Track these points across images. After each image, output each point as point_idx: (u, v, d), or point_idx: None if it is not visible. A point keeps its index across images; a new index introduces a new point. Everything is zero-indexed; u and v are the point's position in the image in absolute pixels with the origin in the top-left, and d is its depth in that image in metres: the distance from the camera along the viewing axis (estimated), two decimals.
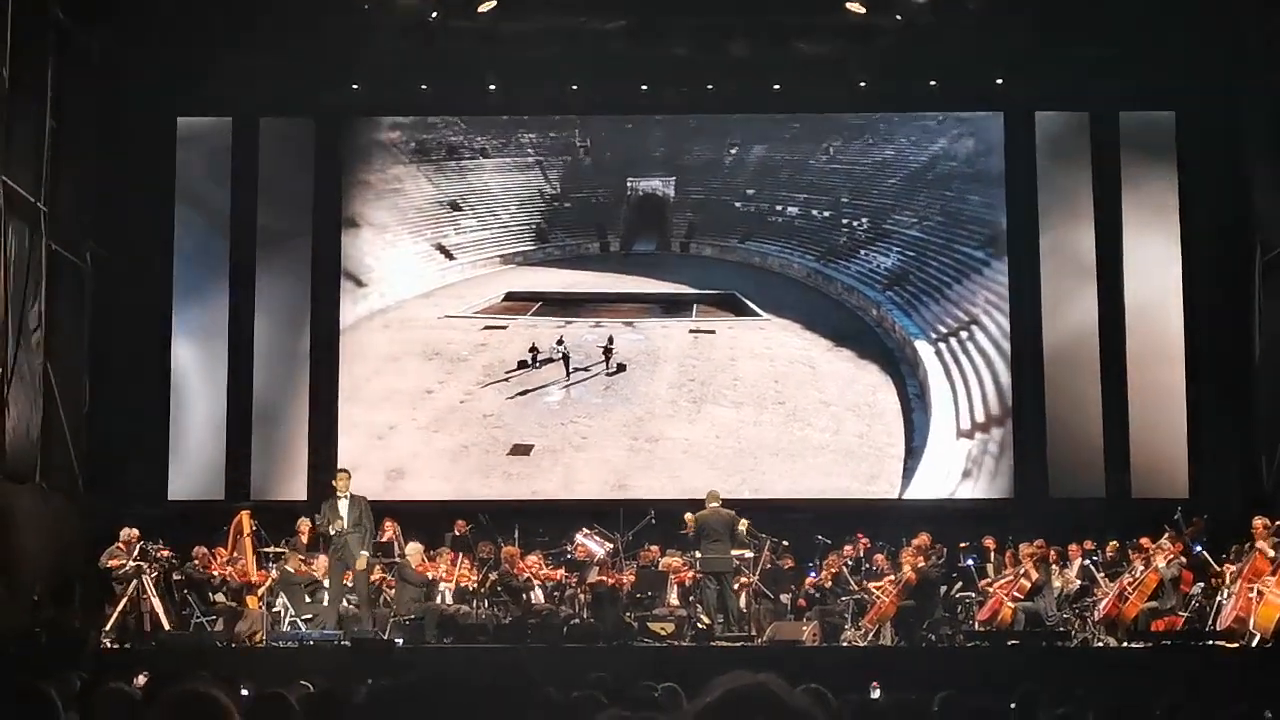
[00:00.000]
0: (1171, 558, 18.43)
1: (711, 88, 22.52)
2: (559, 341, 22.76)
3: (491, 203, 23.32)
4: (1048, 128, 22.92)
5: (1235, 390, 21.80)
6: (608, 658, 16.12)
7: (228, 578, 19.22)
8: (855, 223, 23.12)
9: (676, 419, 22.64)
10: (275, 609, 19.02)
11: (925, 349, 22.66)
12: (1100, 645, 18.06)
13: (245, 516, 19.73)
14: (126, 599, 18.26)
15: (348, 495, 18.79)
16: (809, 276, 23.08)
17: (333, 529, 18.55)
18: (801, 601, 19.79)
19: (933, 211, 23.06)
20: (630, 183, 23.17)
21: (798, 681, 2.91)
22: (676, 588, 19.77)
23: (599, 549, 20.00)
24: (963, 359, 22.57)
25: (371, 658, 16.13)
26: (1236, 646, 17.04)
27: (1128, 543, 19.37)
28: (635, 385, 22.74)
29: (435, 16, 21.55)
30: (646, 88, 22.68)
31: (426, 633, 18.43)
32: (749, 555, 19.48)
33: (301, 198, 22.93)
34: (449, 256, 23.22)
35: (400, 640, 17.96)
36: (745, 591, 19.41)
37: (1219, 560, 18.67)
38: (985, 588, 19.40)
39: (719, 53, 22.13)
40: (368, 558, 18.87)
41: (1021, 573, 18.93)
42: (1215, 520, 19.28)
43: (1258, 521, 18.04)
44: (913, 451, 22.41)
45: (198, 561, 19.25)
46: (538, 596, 19.47)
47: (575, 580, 19.74)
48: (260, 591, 19.09)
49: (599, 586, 19.46)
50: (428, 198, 23.25)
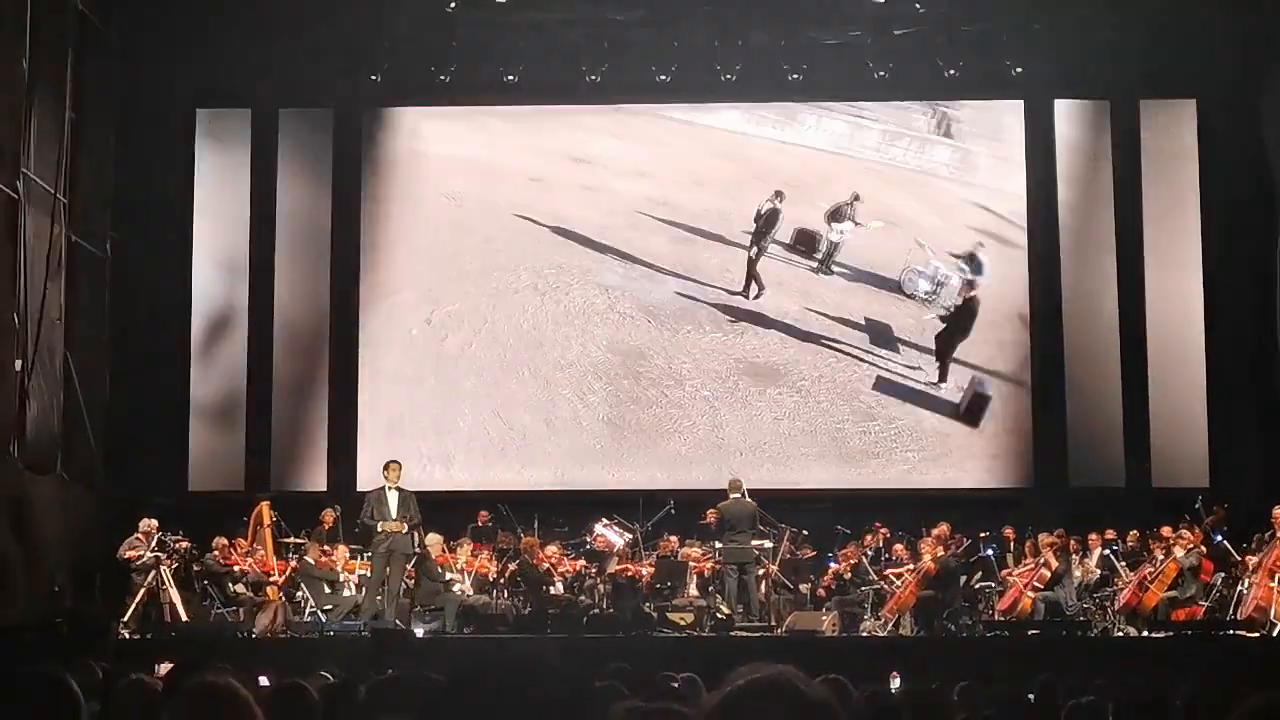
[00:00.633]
0: (1192, 547, 18.39)
1: (730, 78, 22.45)
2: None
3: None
4: (1067, 116, 22.84)
5: (1256, 378, 21.73)
6: (627, 648, 16.13)
7: (247, 569, 19.26)
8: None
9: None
10: (296, 599, 19.09)
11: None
12: (1120, 635, 18.02)
13: (265, 507, 19.79)
14: (145, 590, 18.30)
15: (396, 487, 18.70)
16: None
17: (381, 522, 18.46)
18: (821, 592, 19.78)
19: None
20: None
21: (817, 672, 2.91)
22: (696, 578, 19.77)
23: (618, 539, 20.01)
24: (983, 348, 22.51)
25: (391, 648, 16.14)
26: (1258, 636, 17.01)
27: (1148, 532, 19.34)
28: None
29: (454, 6, 21.56)
30: (665, 78, 22.63)
31: (446, 623, 18.46)
32: (768, 545, 19.49)
33: (320, 189, 22.92)
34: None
35: (420, 631, 17.99)
36: (765, 581, 19.42)
37: (1240, 549, 18.63)
38: (1005, 577, 19.38)
39: (737, 41, 22.13)
40: (442, 541, 19.13)
41: (1041, 562, 18.91)
42: (1236, 509, 19.20)
43: (1278, 510, 18.01)
44: (931, 441, 22.37)
45: (217, 553, 19.29)
46: (557, 587, 19.49)
47: (595, 570, 19.75)
48: (280, 582, 19.14)
49: (618, 577, 19.47)
50: (446, 187, 23.24)
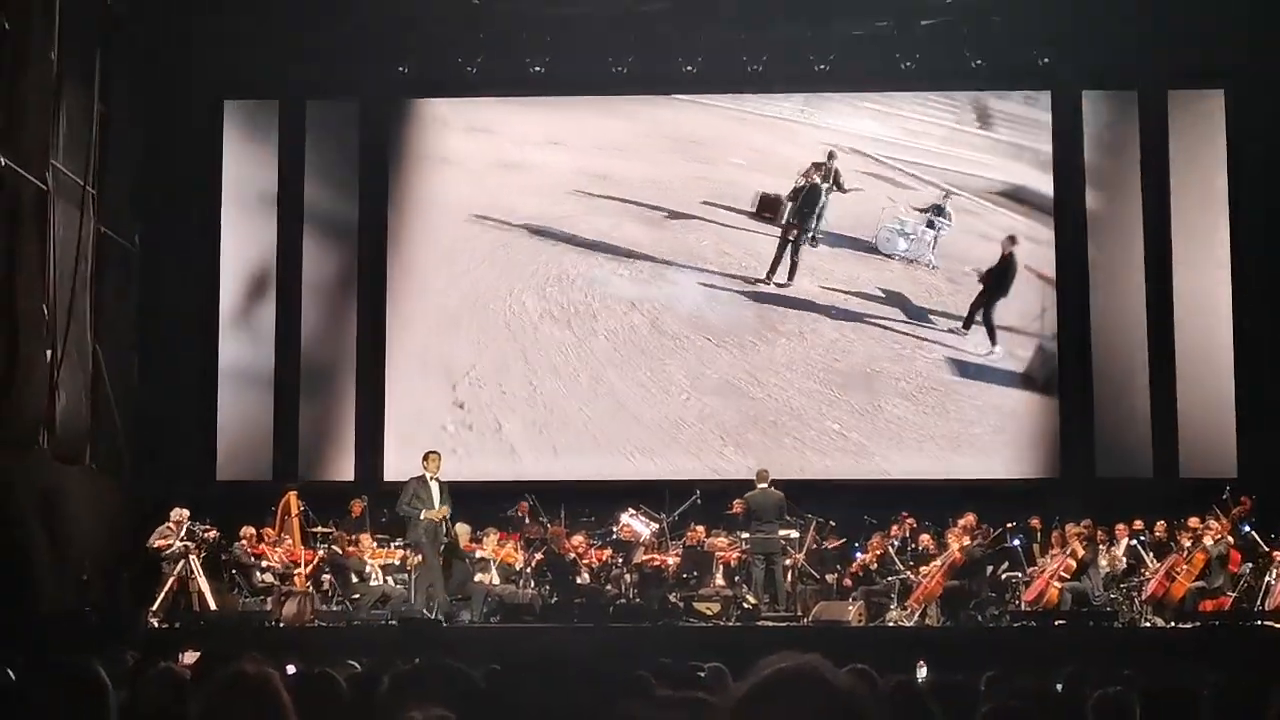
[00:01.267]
0: (1220, 537, 18.36)
1: (756, 69, 22.44)
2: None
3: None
4: (1095, 107, 22.78)
5: None
6: (653, 638, 16.16)
7: (274, 558, 19.33)
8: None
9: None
10: (323, 588, 19.16)
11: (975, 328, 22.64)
12: (1148, 625, 17.99)
13: (293, 497, 19.85)
14: (174, 579, 18.38)
15: (436, 477, 18.76)
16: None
17: (425, 510, 18.51)
18: (847, 582, 19.78)
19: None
20: None
21: (843, 662, 2.92)
22: (722, 568, 19.80)
23: (644, 529, 20.02)
24: (1010, 337, 22.50)
25: (419, 637, 16.19)
26: None
27: (1175, 522, 19.29)
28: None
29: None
30: (691, 69, 22.62)
31: (473, 612, 18.50)
32: (795, 536, 19.50)
33: (347, 180, 22.98)
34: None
35: (445, 620, 18.04)
36: (791, 572, 19.44)
37: (1268, 540, 18.60)
38: (1032, 568, 19.36)
39: (765, 32, 22.12)
40: (469, 531, 19.37)
41: (1068, 553, 18.87)
42: (1264, 499, 19.14)
43: None
44: (958, 429, 22.37)
45: (244, 542, 19.36)
46: (584, 576, 19.53)
47: (621, 560, 19.78)
48: (307, 571, 19.21)
49: (645, 567, 19.51)
50: (473, 177, 23.26)
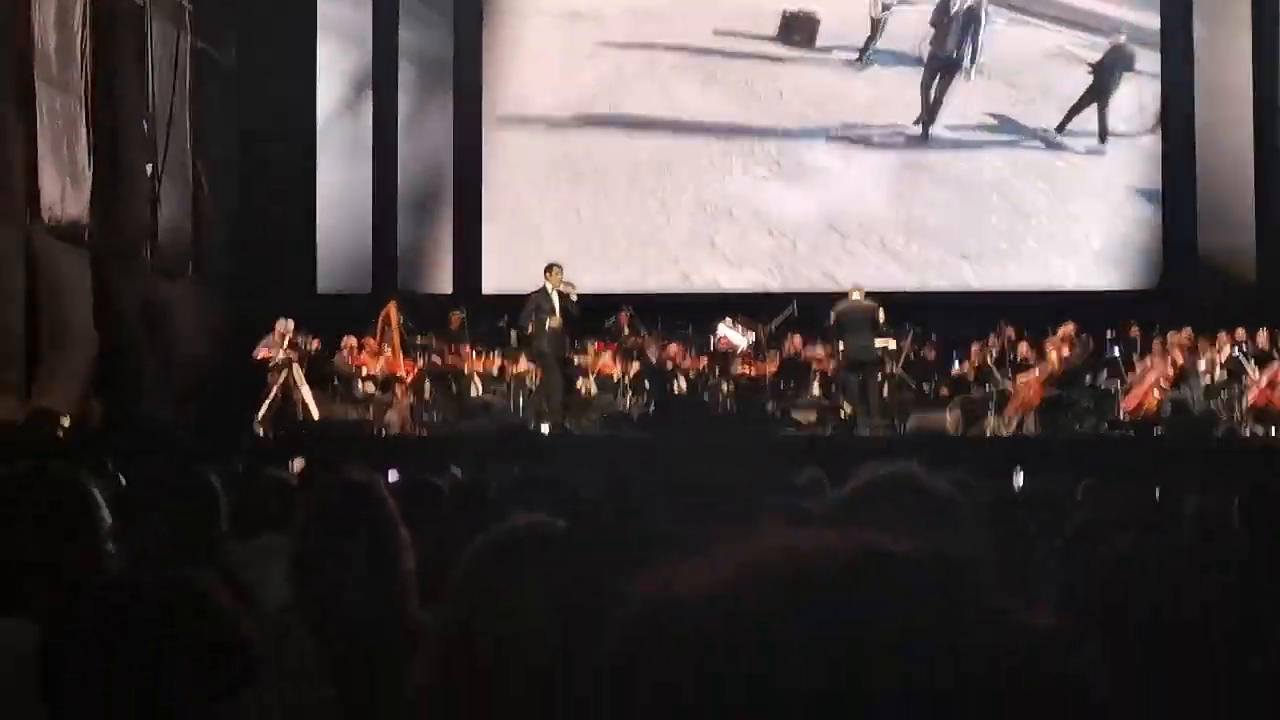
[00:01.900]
0: None
1: None
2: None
3: None
4: None
5: None
6: (753, 446, 16.25)
7: (376, 368, 19.53)
8: None
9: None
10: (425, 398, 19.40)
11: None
12: (1248, 435, 17.89)
13: (393, 308, 19.97)
14: (279, 389, 18.64)
15: (558, 289, 18.77)
16: None
17: (549, 321, 18.58)
18: (944, 391, 19.75)
19: None
20: None
21: (940, 470, 2.93)
22: (820, 377, 19.83)
23: (742, 340, 20.05)
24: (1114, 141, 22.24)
25: (517, 445, 16.35)
26: None
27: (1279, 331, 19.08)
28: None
29: None
30: None
31: (570, 421, 18.63)
32: (892, 346, 19.40)
33: (443, 7, 22.87)
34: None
35: (546, 428, 18.20)
36: (888, 381, 19.40)
37: None
38: (1131, 375, 19.23)
39: None
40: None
41: (1169, 361, 18.74)
42: None
43: None
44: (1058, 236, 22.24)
45: (346, 352, 19.55)
46: (681, 386, 19.63)
47: (719, 370, 19.84)
48: (409, 380, 19.41)
49: (742, 377, 19.57)
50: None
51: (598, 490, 2.50)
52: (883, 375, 19.29)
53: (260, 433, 18.05)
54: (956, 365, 20.10)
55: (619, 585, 1.11)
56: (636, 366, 19.82)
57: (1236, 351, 18.93)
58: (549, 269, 19.00)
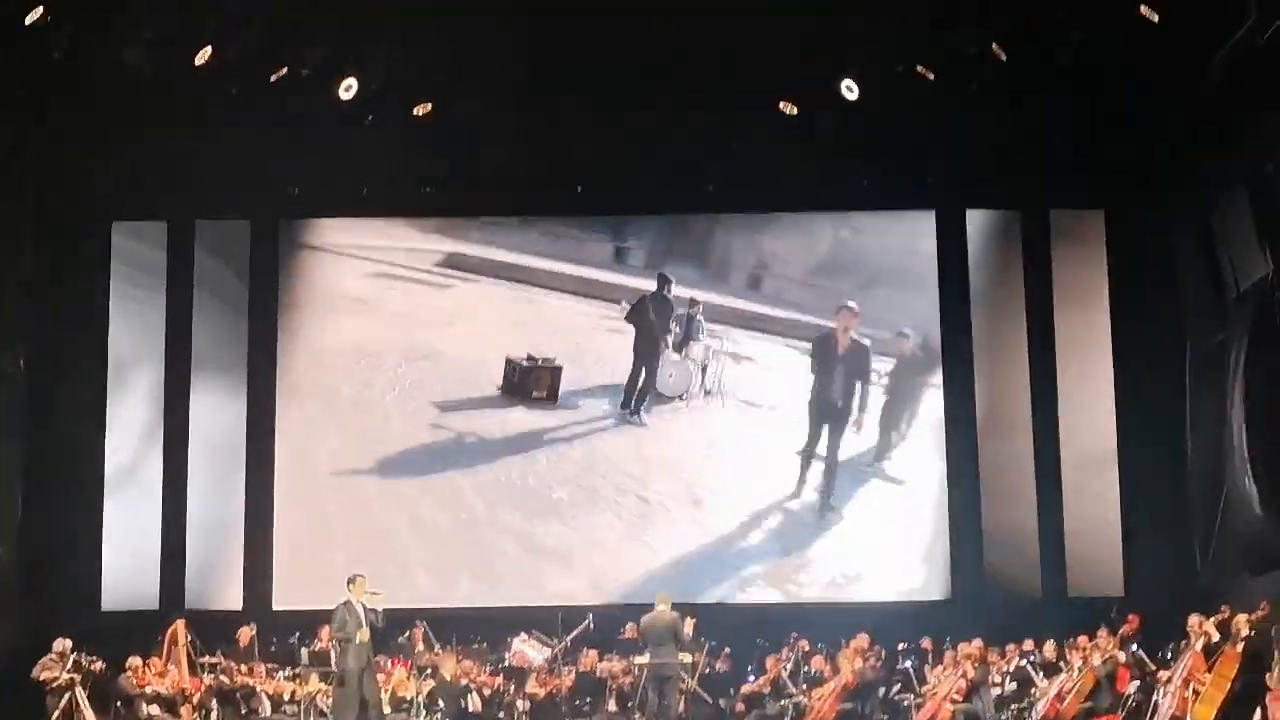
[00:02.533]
0: (1107, 656, 18.48)
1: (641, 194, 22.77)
2: None
3: None
4: (979, 226, 23.11)
5: (1168, 487, 21.94)
6: None
7: (161, 688, 19.04)
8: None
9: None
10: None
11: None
12: None
13: (180, 626, 19.61)
14: (60, 712, 18.06)
15: (361, 601, 18.45)
16: None
17: (359, 632, 18.08)
18: (740, 706, 19.72)
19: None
20: None
21: None
22: (615, 693, 19.70)
23: (537, 655, 19.92)
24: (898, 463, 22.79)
25: None
26: None
27: (1065, 642, 19.40)
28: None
29: (371, 120, 21.63)
30: (580, 189, 22.82)
31: None
32: (688, 660, 19.36)
33: (238, 300, 22.88)
34: None
35: None
36: (684, 697, 19.32)
37: (1155, 658, 18.74)
38: (924, 689, 19.38)
39: (655, 155, 22.35)
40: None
41: (960, 674, 18.94)
42: (1151, 618, 19.31)
43: (1193, 619, 18.11)
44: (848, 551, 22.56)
45: (130, 673, 19.05)
46: (475, 704, 19.38)
47: (513, 687, 19.63)
48: (195, 701, 18.96)
49: (537, 694, 19.38)
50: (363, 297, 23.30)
51: None
52: (680, 690, 19.19)
53: None
54: (751, 679, 20.12)
55: None
56: (431, 683, 19.54)
57: (1024, 662, 19.19)
58: (352, 580, 18.72)
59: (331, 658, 19.66)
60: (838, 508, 22.71)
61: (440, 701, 19.33)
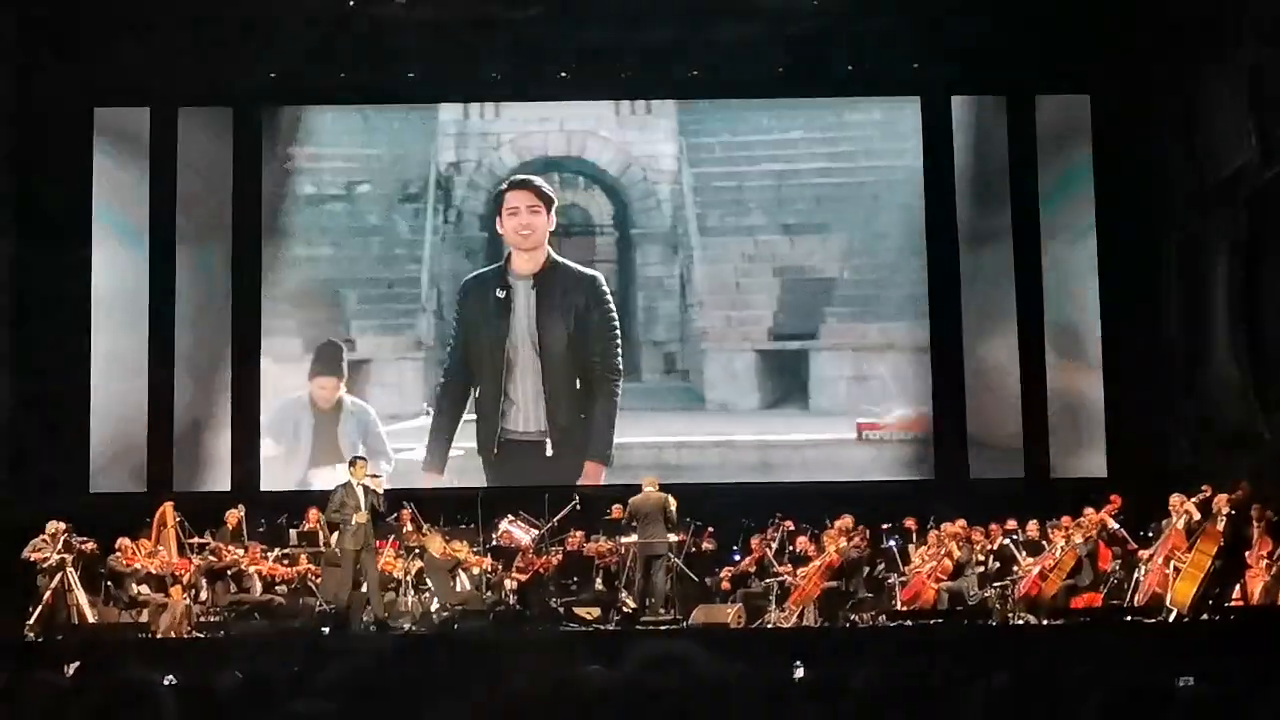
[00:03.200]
0: (1089, 535, 18.70)
1: (628, 75, 22.64)
2: None
3: None
4: (964, 112, 23.09)
5: (1151, 369, 22.09)
6: (536, 643, 16.25)
7: (150, 569, 19.16)
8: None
9: None
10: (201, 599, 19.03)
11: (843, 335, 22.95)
12: (1021, 623, 18.26)
13: (168, 508, 19.71)
14: (51, 592, 18.18)
15: (362, 483, 18.62)
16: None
17: (356, 517, 18.29)
18: (725, 585, 19.91)
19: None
20: None
21: (722, 662, 3.00)
22: (602, 572, 19.90)
23: (524, 536, 20.05)
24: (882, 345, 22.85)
25: (297, 645, 16.13)
26: (1155, 621, 17.33)
27: (1048, 522, 19.59)
28: None
29: (354, 3, 21.52)
30: (565, 75, 22.73)
31: (353, 620, 18.41)
32: (674, 539, 19.53)
33: (221, 186, 22.80)
34: None
35: (327, 629, 17.97)
36: (670, 575, 19.48)
37: (1137, 537, 18.97)
38: (908, 568, 19.57)
39: (635, 38, 22.24)
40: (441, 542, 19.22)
41: (944, 553, 19.15)
42: (1133, 497, 19.50)
43: (1174, 498, 18.34)
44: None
45: (120, 553, 19.16)
46: (464, 583, 19.53)
47: (501, 567, 19.77)
48: (185, 581, 19.09)
49: (525, 572, 19.54)
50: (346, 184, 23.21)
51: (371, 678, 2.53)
52: (666, 568, 19.37)
53: (31, 637, 17.59)
54: (737, 558, 20.30)
55: None
56: (420, 564, 19.68)
57: (1008, 541, 19.40)
58: (353, 462, 18.90)
59: (320, 538, 19.86)
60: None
61: (428, 581, 19.49)
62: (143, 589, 19.08)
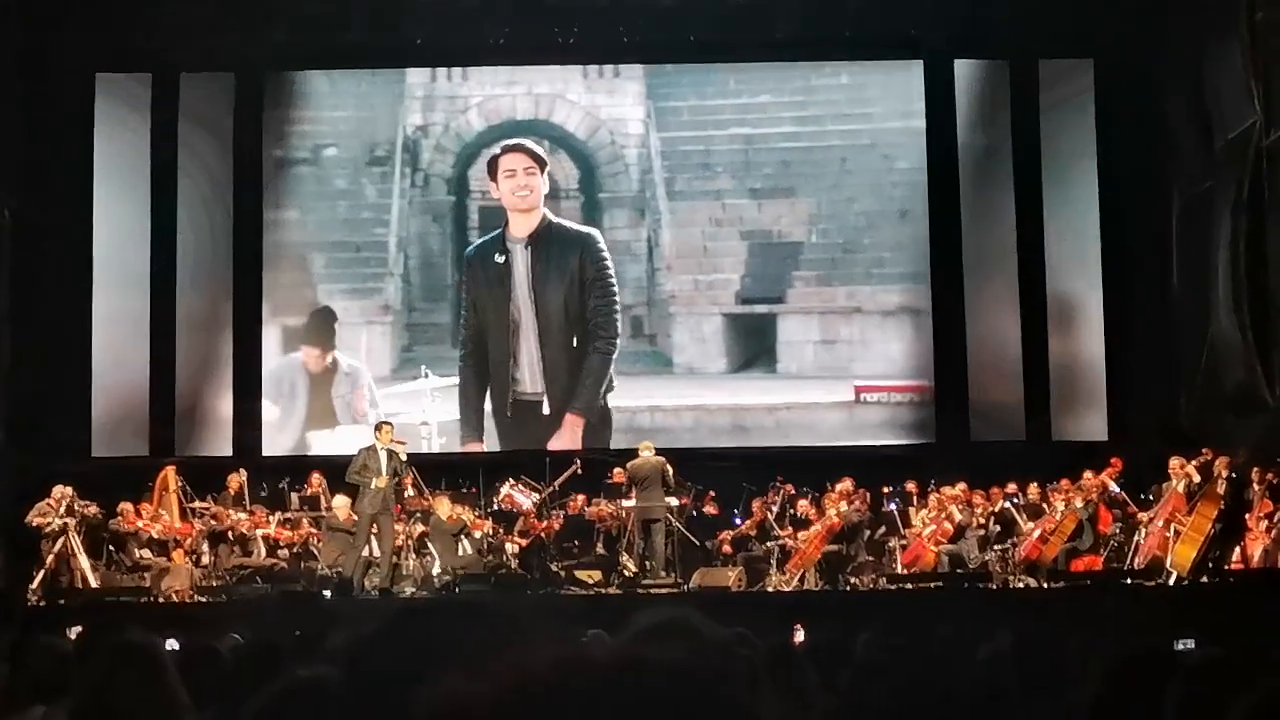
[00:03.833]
0: (1089, 499, 18.72)
1: (635, 38, 22.61)
2: None
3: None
4: (967, 76, 23.03)
5: (1152, 333, 22.08)
6: (537, 606, 16.28)
7: (153, 534, 19.20)
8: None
9: None
10: (203, 564, 19.08)
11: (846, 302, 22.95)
12: (1021, 586, 18.31)
13: (170, 472, 19.74)
14: (54, 556, 18.23)
15: (386, 448, 18.63)
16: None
17: (376, 480, 18.31)
18: (727, 548, 19.96)
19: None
20: None
21: (723, 626, 3.01)
22: (603, 536, 19.96)
23: (525, 500, 20.08)
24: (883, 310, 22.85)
25: (299, 610, 16.18)
26: (1155, 584, 17.37)
27: (1048, 485, 19.62)
28: None
29: None
30: (568, 40, 22.68)
31: (355, 584, 18.46)
32: (675, 503, 19.59)
33: (223, 153, 22.78)
34: None
35: (328, 592, 18.02)
36: (671, 539, 19.53)
37: (1137, 501, 18.99)
38: (908, 531, 19.60)
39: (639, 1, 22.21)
40: (347, 505, 19.01)
41: (944, 516, 19.18)
42: (1134, 461, 19.53)
43: (1174, 461, 18.37)
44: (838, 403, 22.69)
45: (122, 518, 19.19)
46: (466, 547, 19.57)
47: (502, 531, 19.82)
48: (187, 546, 19.14)
49: (526, 536, 19.59)
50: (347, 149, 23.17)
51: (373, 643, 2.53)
52: (667, 532, 19.42)
53: (34, 601, 17.64)
54: (738, 522, 20.34)
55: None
56: (422, 528, 19.71)
57: (1008, 505, 19.43)
58: (379, 426, 18.85)
59: (321, 503, 19.89)
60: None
61: (429, 544, 19.52)
62: (145, 553, 19.13)
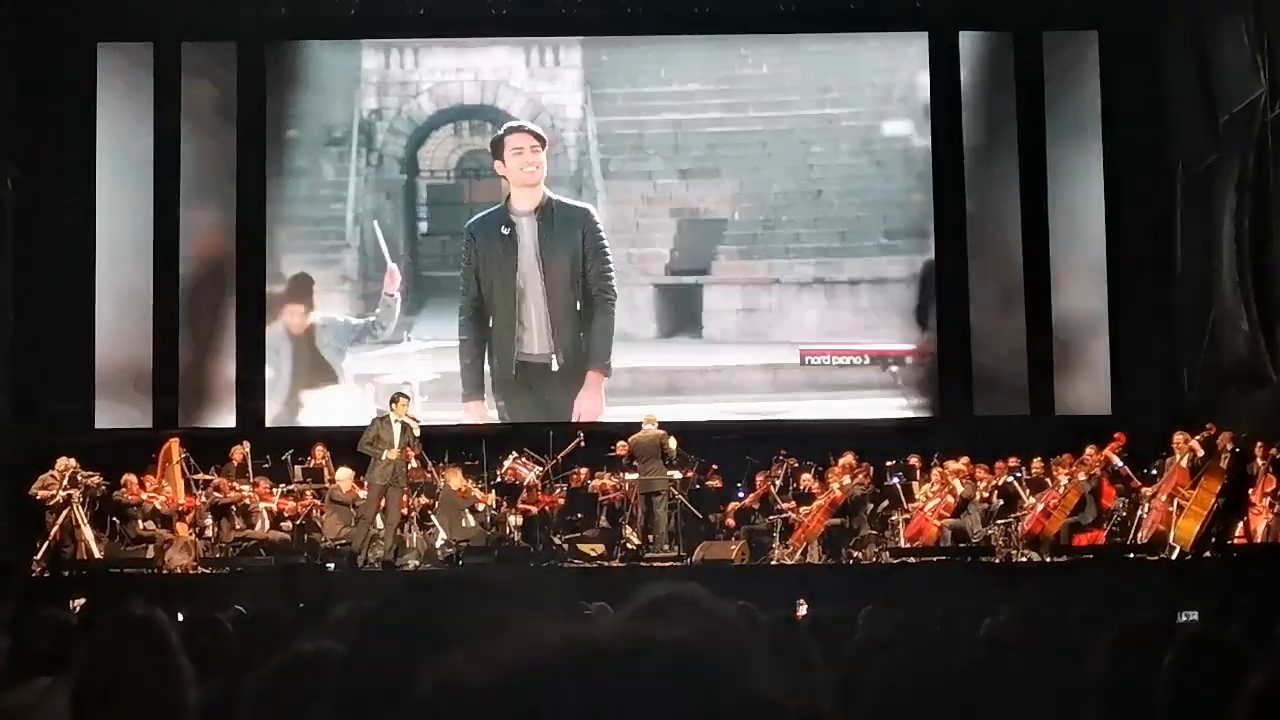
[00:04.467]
0: (1093, 473, 18.72)
1: (638, 10, 22.58)
2: None
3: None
4: (971, 48, 22.99)
5: (1156, 307, 22.07)
6: (540, 579, 16.28)
7: (156, 505, 19.22)
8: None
9: None
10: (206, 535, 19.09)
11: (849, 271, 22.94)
12: (1024, 560, 18.32)
13: (174, 444, 19.75)
14: (58, 528, 18.25)
15: (400, 420, 18.62)
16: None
17: (387, 451, 18.34)
18: (730, 522, 19.97)
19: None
20: None
21: (726, 598, 3.01)
22: (606, 509, 19.97)
23: (529, 473, 20.10)
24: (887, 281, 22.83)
25: (302, 582, 16.18)
26: (1158, 559, 17.37)
27: (1051, 459, 19.61)
28: None
29: None
30: (571, 11, 22.67)
31: (359, 557, 18.47)
32: (678, 476, 19.60)
33: (225, 122, 22.75)
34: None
35: (331, 564, 18.04)
36: (674, 512, 19.55)
37: (1141, 475, 18.98)
38: (911, 505, 19.61)
39: None
40: (351, 476, 19.19)
41: (947, 490, 19.18)
42: (1138, 435, 19.51)
43: (1178, 436, 18.37)
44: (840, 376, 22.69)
45: (125, 490, 19.21)
46: (469, 520, 19.58)
47: (505, 503, 19.84)
48: (190, 518, 19.16)
49: (529, 509, 19.61)
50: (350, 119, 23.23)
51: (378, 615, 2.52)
52: (670, 505, 19.43)
53: (38, 572, 17.66)
54: (741, 495, 20.35)
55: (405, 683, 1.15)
56: (425, 500, 19.73)
57: (1011, 479, 19.42)
58: (395, 399, 18.85)
59: (325, 474, 19.91)
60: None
61: (434, 517, 19.54)
62: (148, 525, 19.15)
